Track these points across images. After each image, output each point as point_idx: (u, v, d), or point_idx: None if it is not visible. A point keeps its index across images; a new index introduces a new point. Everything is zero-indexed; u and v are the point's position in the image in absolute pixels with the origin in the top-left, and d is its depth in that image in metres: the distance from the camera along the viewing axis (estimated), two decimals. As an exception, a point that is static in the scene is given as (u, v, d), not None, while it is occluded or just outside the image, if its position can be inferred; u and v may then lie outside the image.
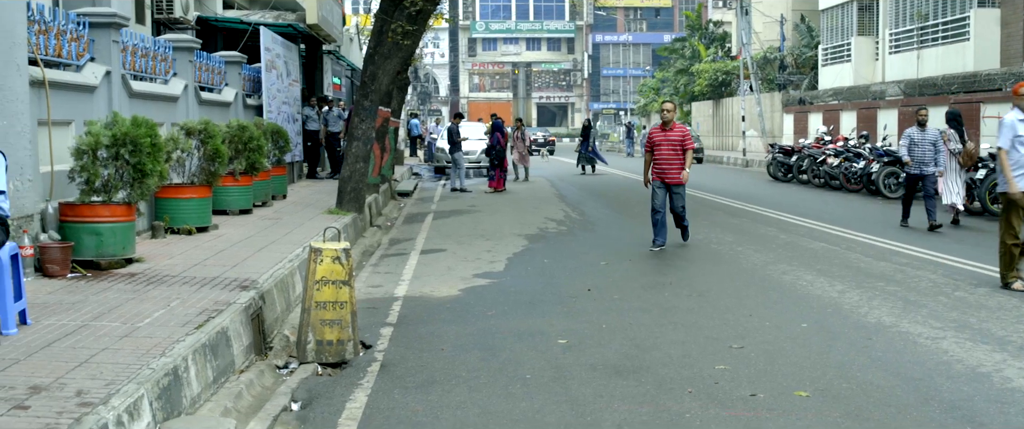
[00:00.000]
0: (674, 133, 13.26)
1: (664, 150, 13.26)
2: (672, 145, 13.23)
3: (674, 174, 13.19)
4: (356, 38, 39.40)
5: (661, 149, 13.28)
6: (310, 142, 23.47)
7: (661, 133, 13.33)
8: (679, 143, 13.24)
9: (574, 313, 9.14)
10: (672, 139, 13.24)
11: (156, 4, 18.64)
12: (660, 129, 13.39)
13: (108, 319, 7.14)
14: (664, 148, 13.25)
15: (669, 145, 13.23)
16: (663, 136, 13.29)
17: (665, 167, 13.25)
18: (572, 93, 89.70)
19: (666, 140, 13.26)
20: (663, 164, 13.26)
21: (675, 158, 13.21)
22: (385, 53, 15.89)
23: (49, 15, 10.29)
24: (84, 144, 9.50)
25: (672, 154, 13.21)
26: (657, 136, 13.37)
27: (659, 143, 13.30)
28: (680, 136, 13.27)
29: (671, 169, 13.22)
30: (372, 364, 7.32)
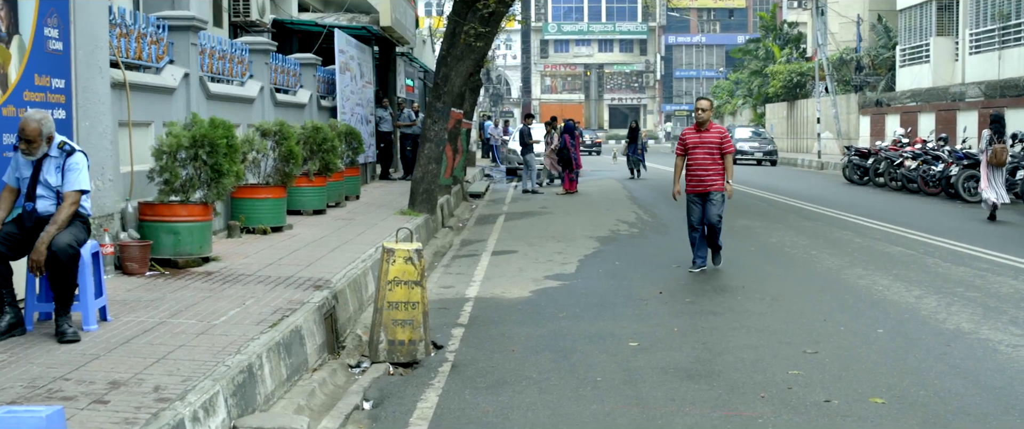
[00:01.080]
0: (710, 135, 11.52)
1: (699, 154, 11.50)
2: (708, 149, 11.46)
3: (711, 181, 11.43)
4: (429, 40, 39.65)
5: (695, 154, 11.53)
6: (383, 143, 23.64)
7: (695, 135, 11.58)
8: (716, 146, 11.47)
9: (645, 316, 9.09)
10: (708, 142, 11.50)
11: (233, 7, 18.94)
12: (694, 130, 11.64)
13: (185, 317, 7.27)
14: (699, 152, 11.50)
15: (705, 149, 11.47)
16: (697, 138, 11.54)
17: (700, 174, 11.48)
18: (644, 95, 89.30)
19: (701, 143, 11.51)
20: (698, 171, 11.49)
21: (712, 164, 11.44)
22: (458, 55, 15.96)
23: (130, 19, 10.50)
24: (164, 145, 9.68)
25: (708, 159, 11.45)
26: (690, 138, 11.61)
27: (693, 146, 11.54)
28: (717, 138, 11.51)
29: (707, 176, 11.44)
30: (443, 364, 7.35)
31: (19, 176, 6.83)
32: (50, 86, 7.90)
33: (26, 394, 5.22)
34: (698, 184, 11.50)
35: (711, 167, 11.44)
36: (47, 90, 7.84)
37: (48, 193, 6.78)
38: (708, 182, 11.43)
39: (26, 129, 6.65)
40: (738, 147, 41.51)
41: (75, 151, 6.88)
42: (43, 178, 6.77)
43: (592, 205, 21.05)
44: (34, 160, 6.76)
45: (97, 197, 8.70)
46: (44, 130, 6.72)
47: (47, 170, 6.78)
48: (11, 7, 7.41)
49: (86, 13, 8.70)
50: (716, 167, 11.45)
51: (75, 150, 6.89)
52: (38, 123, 6.68)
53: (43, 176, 6.77)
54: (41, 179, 6.77)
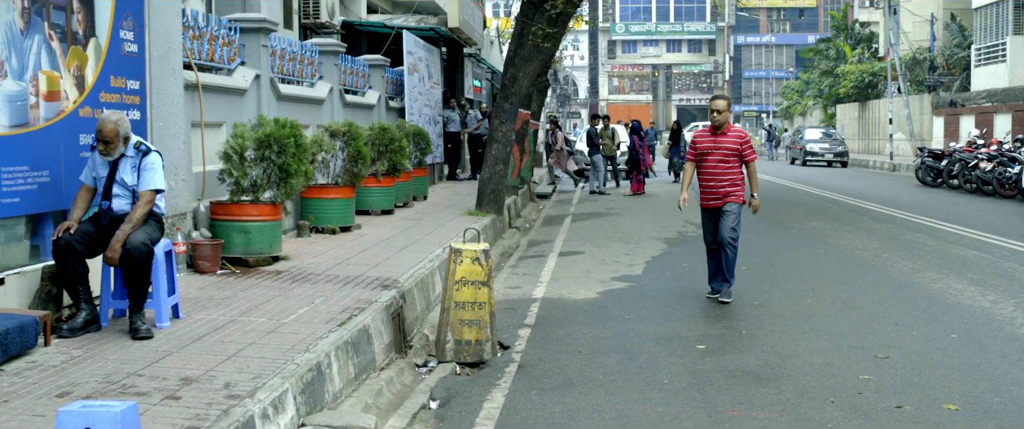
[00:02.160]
0: (728, 139, 9.71)
1: (713, 161, 9.71)
2: (724, 155, 9.68)
3: (726, 192, 9.66)
4: (496, 41, 39.72)
5: (709, 160, 9.73)
6: (450, 144, 23.74)
7: (709, 138, 9.78)
8: (734, 152, 9.70)
9: (713, 318, 9.02)
10: (725, 147, 9.69)
11: (303, 9, 19.15)
12: (708, 133, 9.84)
13: (255, 315, 7.36)
14: (712, 159, 9.71)
15: (720, 155, 9.69)
16: (711, 142, 9.76)
17: (712, 184, 9.71)
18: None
19: (716, 148, 9.72)
20: (710, 181, 9.73)
21: (727, 172, 9.68)
22: (525, 56, 15.97)
23: (203, 21, 10.66)
24: (232, 146, 9.81)
25: (724, 167, 9.69)
26: (703, 142, 9.82)
27: (706, 152, 9.77)
28: (736, 143, 9.71)
29: (720, 187, 9.67)
30: (510, 365, 7.36)
31: (96, 175, 6.97)
32: (125, 87, 8.05)
33: (101, 389, 5.32)
34: (710, 196, 9.76)
35: (726, 176, 9.66)
36: (122, 91, 7.99)
37: (124, 192, 6.92)
38: (722, 193, 9.66)
39: (103, 130, 6.79)
40: (808, 148, 41.03)
41: (150, 151, 7.01)
42: (119, 177, 6.90)
43: (659, 206, 20.93)
44: (111, 160, 6.90)
45: (170, 197, 8.84)
46: (120, 131, 6.85)
47: (123, 170, 6.91)
48: (88, 10, 7.56)
49: (160, 15, 8.85)
50: (732, 176, 9.68)
51: (151, 150, 7.02)
52: (115, 124, 6.82)
53: (119, 175, 6.90)
54: (117, 178, 6.90)
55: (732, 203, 9.66)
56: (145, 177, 6.92)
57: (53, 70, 7.10)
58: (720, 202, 9.68)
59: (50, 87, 7.07)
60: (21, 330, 6.01)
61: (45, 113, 7.02)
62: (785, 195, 24.19)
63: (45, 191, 7.04)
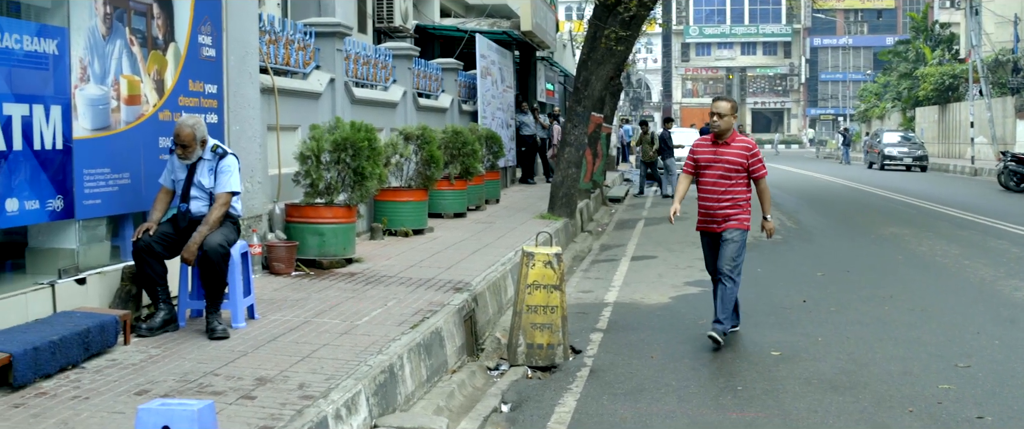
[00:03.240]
0: (731, 150, 8.03)
1: (711, 176, 8.08)
2: (726, 169, 8.02)
3: (726, 214, 8.06)
4: (569, 44, 39.69)
5: (707, 175, 8.11)
6: (524, 147, 23.75)
7: (709, 149, 8.13)
8: (738, 166, 8.03)
9: (788, 325, 8.89)
10: (726, 159, 8.02)
11: (377, 13, 19.31)
12: (709, 142, 8.19)
13: (329, 316, 7.42)
14: (712, 173, 8.07)
15: (721, 169, 8.03)
16: (712, 153, 8.09)
17: (710, 204, 8.11)
18: (788, 98, 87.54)
19: (716, 160, 8.05)
20: (708, 199, 8.12)
21: (729, 191, 8.03)
22: (598, 59, 15.92)
23: (279, 25, 10.80)
24: (307, 149, 9.91)
25: (725, 183, 8.03)
26: (702, 153, 8.18)
27: (705, 164, 8.12)
28: (740, 155, 8.03)
29: (719, 207, 8.06)
30: (581, 369, 7.33)
31: (174, 178, 7.09)
32: (203, 91, 8.18)
33: (178, 388, 5.41)
34: (707, 218, 8.19)
35: (726, 195, 8.04)
36: (200, 95, 8.12)
37: (201, 194, 7.04)
38: (721, 215, 8.07)
39: (181, 134, 6.91)
40: (886, 152, 40.30)
41: (227, 154, 7.12)
42: (197, 180, 7.02)
43: (733, 210, 20.69)
44: (189, 164, 7.01)
45: (246, 199, 8.96)
46: (197, 134, 6.97)
47: (201, 172, 7.03)
48: (167, 15, 7.69)
49: (238, 21, 8.98)
50: (734, 194, 8.06)
51: (227, 153, 7.13)
52: (192, 128, 6.94)
53: (197, 178, 7.02)
54: (195, 181, 7.02)
55: (734, 230, 8.00)
56: (222, 180, 7.03)
57: (134, 74, 7.24)
58: (719, 227, 8.06)
59: (131, 91, 7.21)
60: (102, 329, 6.13)
61: (126, 117, 7.16)
62: (862, 199, 23.81)
63: (125, 193, 7.18)
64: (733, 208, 8.06)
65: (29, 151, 6.15)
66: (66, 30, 6.50)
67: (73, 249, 6.76)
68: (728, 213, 8.05)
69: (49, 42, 6.32)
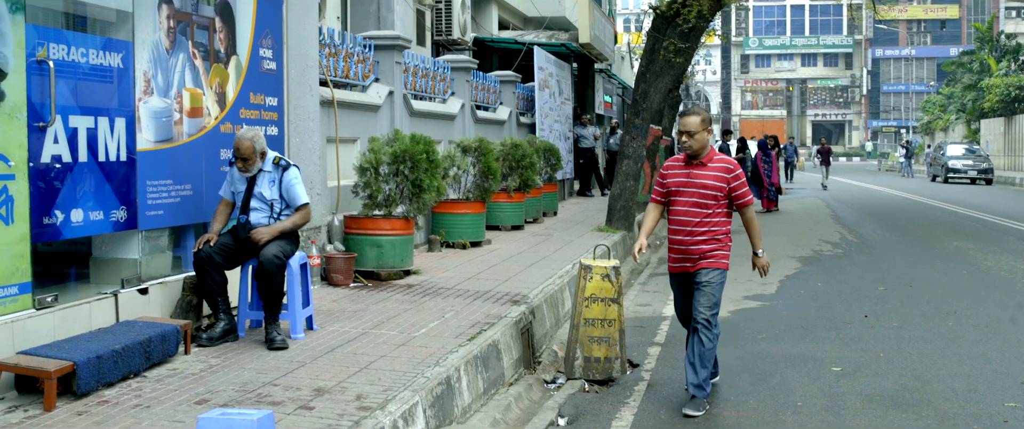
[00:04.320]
0: (706, 173, 6.56)
1: (685, 204, 6.61)
2: (700, 196, 6.56)
3: (700, 250, 6.60)
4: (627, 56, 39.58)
5: (680, 202, 6.64)
6: (582, 160, 23.71)
7: (681, 171, 6.65)
8: (716, 190, 6.55)
9: (849, 340, 8.77)
10: (702, 183, 6.56)
11: (436, 26, 19.41)
12: (680, 163, 6.69)
13: (387, 328, 7.45)
14: (685, 200, 6.61)
15: (695, 194, 6.57)
16: (684, 176, 6.63)
17: (683, 238, 6.63)
18: (849, 110, 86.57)
19: (689, 184, 6.59)
20: (680, 232, 6.64)
21: (705, 221, 6.56)
22: (657, 71, 15.86)
23: (338, 39, 10.89)
24: (367, 161, 9.97)
25: (699, 213, 6.56)
26: (673, 177, 6.68)
27: (677, 189, 6.65)
28: (718, 178, 6.54)
29: (693, 242, 6.59)
30: (639, 383, 7.28)
31: (234, 190, 7.17)
32: (264, 104, 8.26)
33: (238, 397, 5.45)
34: (680, 255, 6.70)
35: (701, 227, 6.56)
36: (261, 108, 8.21)
37: (262, 206, 7.11)
38: (696, 251, 6.60)
39: (241, 148, 6.99)
40: (949, 165, 39.69)
41: (290, 165, 7.19)
42: (257, 192, 7.10)
43: (793, 224, 20.51)
44: (249, 176, 7.09)
45: (306, 210, 9.01)
46: (257, 147, 7.04)
47: (261, 184, 7.11)
48: (229, 29, 7.79)
49: (298, 34, 9.07)
50: (711, 226, 6.58)
51: (290, 164, 7.21)
52: (251, 141, 7.01)
53: (257, 190, 7.10)
54: (255, 193, 7.10)
55: (711, 270, 6.57)
56: (293, 192, 7.16)
57: (196, 87, 7.34)
58: (693, 265, 6.62)
59: (193, 104, 7.30)
60: (163, 338, 6.21)
61: (188, 129, 7.25)
62: (925, 212, 23.45)
63: (187, 204, 7.27)
64: (710, 243, 6.56)
65: (94, 163, 6.25)
66: (131, 44, 6.61)
67: (136, 259, 6.86)
68: (704, 249, 6.55)
69: (114, 56, 6.43)
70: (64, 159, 5.97)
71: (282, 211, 7.19)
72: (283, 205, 7.19)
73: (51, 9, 6.20)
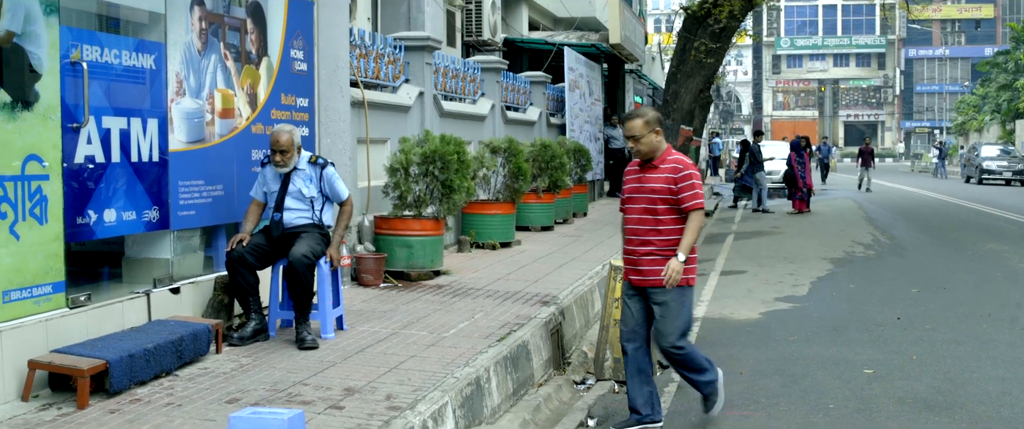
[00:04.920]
0: (656, 175, 5.99)
1: (636, 210, 6.07)
2: (650, 201, 5.99)
3: (652, 261, 5.96)
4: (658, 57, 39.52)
5: (632, 210, 6.11)
6: (612, 160, 23.66)
7: (635, 175, 6.17)
8: (664, 195, 5.94)
9: (881, 342, 8.70)
10: (650, 187, 6.00)
11: (466, 27, 19.44)
12: (636, 167, 6.19)
13: (416, 328, 7.46)
14: (636, 206, 6.07)
15: (644, 201, 6.02)
16: (636, 181, 6.13)
17: (634, 247, 6.07)
18: (882, 111, 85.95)
19: (640, 189, 6.06)
20: (632, 240, 6.10)
21: (656, 229, 5.96)
22: (688, 71, 15.84)
23: (369, 40, 10.92)
24: (397, 161, 10.00)
25: (649, 220, 5.99)
26: (628, 181, 6.22)
27: (630, 195, 6.15)
28: (666, 179, 5.94)
29: (644, 253, 6.00)
30: (669, 384, 7.25)
31: (267, 190, 7.20)
32: (295, 105, 8.30)
33: (268, 396, 5.48)
34: (631, 264, 6.13)
35: (653, 236, 5.98)
36: (292, 108, 8.25)
37: (297, 204, 7.13)
38: (646, 261, 5.99)
39: (280, 141, 7.02)
40: (984, 165, 39.27)
41: (328, 163, 7.23)
42: (293, 190, 7.12)
43: (825, 225, 20.39)
44: (284, 173, 7.12)
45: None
46: (295, 140, 7.08)
47: (297, 182, 7.14)
48: (261, 30, 7.83)
49: (329, 35, 9.10)
50: (661, 234, 5.96)
51: (328, 162, 7.24)
52: (289, 134, 7.05)
53: (293, 188, 7.13)
54: (290, 191, 7.12)
55: (664, 291, 5.93)
56: (337, 188, 7.26)
57: (228, 88, 7.38)
58: (643, 278, 6.01)
59: (225, 104, 7.34)
60: (195, 337, 6.24)
61: (219, 130, 7.30)
62: (959, 214, 23.24)
63: (219, 205, 7.31)
64: (655, 254, 5.94)
65: (127, 163, 6.30)
66: (163, 45, 6.65)
67: (168, 259, 6.90)
68: (653, 257, 5.94)
69: (147, 57, 6.48)
70: (97, 160, 6.02)
71: (322, 208, 7.23)
72: (322, 202, 7.23)
73: (85, 11, 6.25)
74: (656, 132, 6.00)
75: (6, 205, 5.27)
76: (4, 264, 5.27)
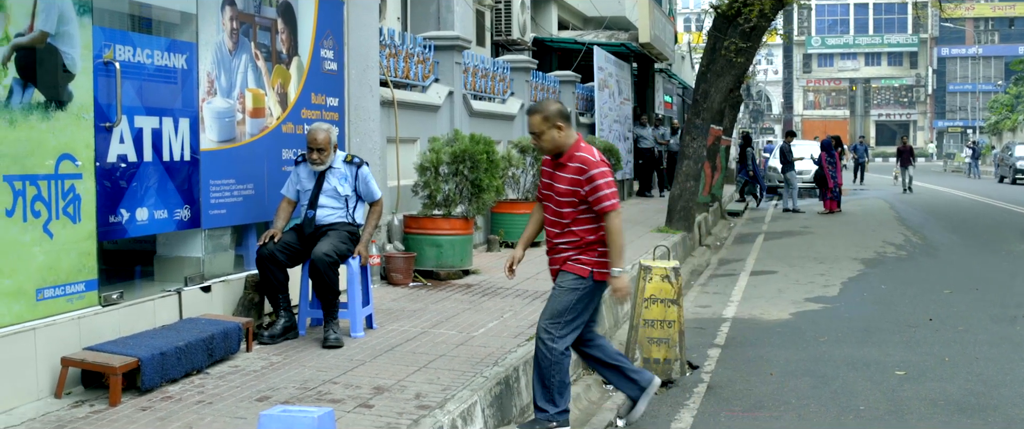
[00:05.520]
0: (565, 173, 5.72)
1: (551, 208, 5.86)
2: (559, 200, 5.76)
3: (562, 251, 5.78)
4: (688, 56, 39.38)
5: (548, 208, 5.91)
6: (641, 160, 23.61)
7: (549, 170, 5.90)
8: (571, 195, 5.69)
9: (913, 343, 8.63)
10: (558, 187, 5.77)
11: (495, 26, 19.44)
12: (549, 163, 5.91)
13: (446, 327, 7.47)
14: (551, 204, 5.85)
15: (554, 199, 5.81)
16: (549, 177, 5.88)
17: (553, 243, 5.87)
18: (914, 110, 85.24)
19: (552, 186, 5.83)
20: (549, 237, 5.92)
21: (569, 229, 5.73)
22: (718, 71, 15.74)
23: (399, 39, 10.95)
24: (427, 161, 10.02)
25: (557, 221, 5.81)
26: (543, 177, 5.99)
27: (545, 190, 5.94)
28: (573, 180, 5.66)
29: (557, 247, 5.83)
30: (699, 385, 7.23)
31: (300, 188, 7.22)
32: (325, 104, 8.33)
33: (298, 395, 5.50)
34: (550, 254, 5.94)
35: (564, 233, 5.78)
36: (322, 108, 8.28)
37: (330, 202, 7.15)
38: (561, 258, 5.79)
39: (318, 138, 7.04)
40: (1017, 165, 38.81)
41: (364, 163, 7.27)
42: (328, 189, 7.14)
43: (856, 226, 20.25)
44: (318, 171, 7.14)
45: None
46: (332, 139, 7.11)
47: (332, 180, 7.16)
48: (291, 30, 7.86)
49: (359, 35, 9.12)
50: (576, 231, 5.72)
51: (364, 162, 7.28)
52: (327, 132, 7.09)
53: (328, 186, 7.14)
54: (325, 189, 7.14)
55: (567, 273, 5.73)
56: (372, 188, 7.29)
57: (258, 88, 7.41)
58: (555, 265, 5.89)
59: (256, 104, 7.38)
60: (225, 335, 6.28)
61: (250, 129, 7.33)
62: (992, 214, 23.02)
63: (249, 204, 7.35)
64: (571, 248, 5.74)
65: (158, 162, 6.34)
66: (194, 45, 6.70)
67: (199, 257, 6.94)
68: (566, 254, 5.76)
69: (178, 57, 6.52)
70: (129, 159, 6.06)
71: (355, 206, 7.25)
72: (356, 200, 7.26)
73: (117, 11, 6.30)
74: (558, 127, 5.71)
75: (40, 204, 5.32)
76: (38, 262, 5.32)
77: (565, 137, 5.74)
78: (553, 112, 5.75)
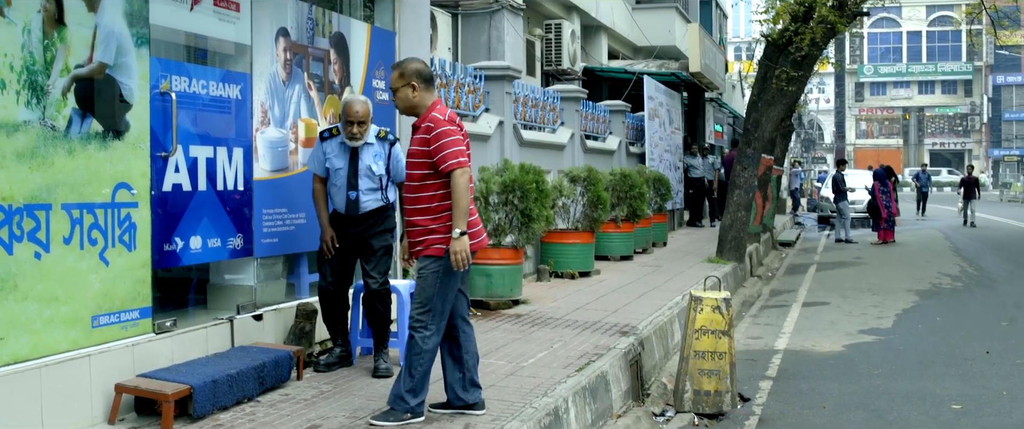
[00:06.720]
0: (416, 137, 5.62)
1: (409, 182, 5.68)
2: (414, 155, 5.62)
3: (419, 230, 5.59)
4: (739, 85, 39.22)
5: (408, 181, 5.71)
6: (692, 189, 23.50)
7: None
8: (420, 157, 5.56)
9: (970, 377, 8.48)
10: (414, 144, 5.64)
11: (545, 56, 19.49)
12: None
13: (495, 357, 7.46)
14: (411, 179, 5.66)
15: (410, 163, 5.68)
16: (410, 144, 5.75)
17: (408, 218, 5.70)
18: (969, 139, 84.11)
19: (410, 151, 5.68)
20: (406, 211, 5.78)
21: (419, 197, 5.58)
22: (769, 100, 15.65)
23: (450, 69, 11.02)
24: (477, 190, 10.04)
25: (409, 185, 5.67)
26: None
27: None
28: (422, 141, 5.56)
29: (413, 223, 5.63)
30: (750, 418, 7.15)
31: (329, 166, 6.86)
32: (377, 134, 8.37)
33: (348, 424, 5.51)
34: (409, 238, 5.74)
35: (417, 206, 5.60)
36: (374, 137, 8.31)
37: (367, 184, 6.81)
38: (415, 234, 5.62)
39: (358, 111, 6.70)
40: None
41: (397, 140, 7.02)
42: (364, 166, 6.80)
43: (910, 256, 19.99)
44: (354, 147, 6.80)
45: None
46: (370, 112, 6.83)
47: (366, 158, 6.82)
48: (343, 61, 7.94)
49: (411, 65, 9.17)
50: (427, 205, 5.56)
51: (397, 139, 7.04)
52: (365, 103, 6.77)
53: (362, 165, 6.80)
54: (361, 168, 6.80)
55: (424, 258, 5.56)
56: (401, 168, 6.72)
57: (311, 118, 7.48)
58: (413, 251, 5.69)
59: (308, 134, 7.44)
60: (276, 364, 6.31)
61: (303, 159, 7.39)
62: (1051, 246, 22.63)
63: (301, 232, 7.40)
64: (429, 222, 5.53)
65: (212, 191, 6.42)
66: (248, 76, 6.78)
67: (251, 286, 7.00)
68: (421, 235, 5.56)
69: (233, 87, 6.61)
70: (184, 188, 6.14)
71: (387, 186, 6.94)
72: (387, 180, 6.94)
73: (173, 43, 6.40)
74: (412, 87, 5.57)
75: (96, 232, 5.40)
76: (94, 289, 5.40)
77: (419, 98, 5.60)
78: (411, 70, 5.64)
